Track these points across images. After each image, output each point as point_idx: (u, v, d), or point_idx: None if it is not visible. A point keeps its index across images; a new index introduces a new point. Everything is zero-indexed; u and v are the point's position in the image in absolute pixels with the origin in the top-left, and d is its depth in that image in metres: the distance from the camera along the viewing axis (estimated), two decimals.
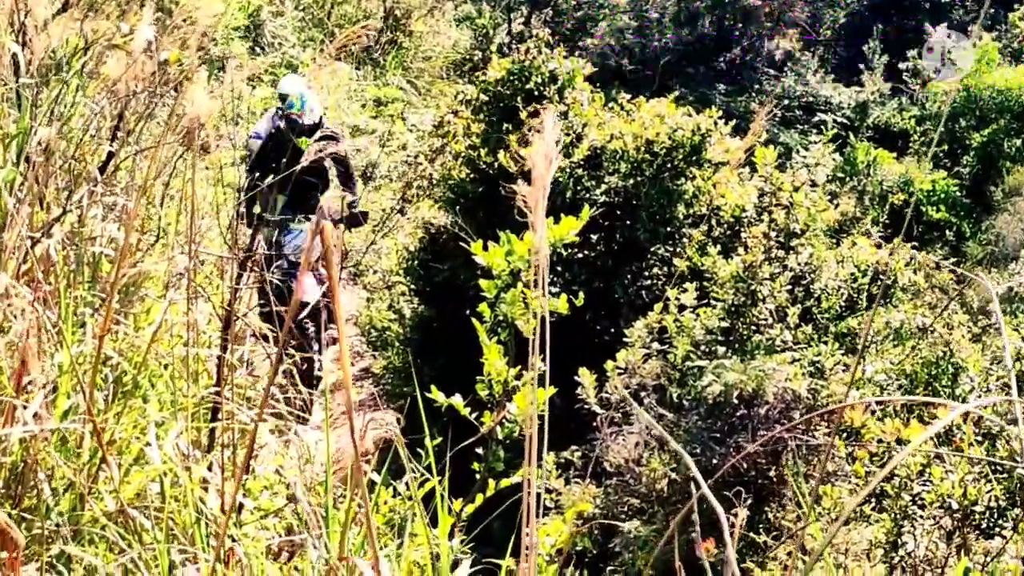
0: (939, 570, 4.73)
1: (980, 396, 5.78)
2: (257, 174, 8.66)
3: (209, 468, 3.59)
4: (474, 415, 4.46)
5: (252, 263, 4.27)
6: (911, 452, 4.87)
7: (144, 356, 3.99)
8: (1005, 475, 5.05)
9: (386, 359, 10.43)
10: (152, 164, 4.30)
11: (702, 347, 6.37)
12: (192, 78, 4.47)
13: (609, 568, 5.78)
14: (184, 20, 4.80)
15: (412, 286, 9.80)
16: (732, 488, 5.49)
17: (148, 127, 5.05)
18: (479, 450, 4.52)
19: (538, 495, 5.57)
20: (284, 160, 8.63)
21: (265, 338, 4.69)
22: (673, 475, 5.86)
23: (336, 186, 9.33)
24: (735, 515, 2.68)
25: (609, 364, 6.40)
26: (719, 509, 1.92)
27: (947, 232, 16.31)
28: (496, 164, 8.70)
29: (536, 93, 8.92)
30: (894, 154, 17.40)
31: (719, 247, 7.50)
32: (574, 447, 6.47)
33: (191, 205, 3.74)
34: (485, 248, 4.47)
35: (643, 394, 6.27)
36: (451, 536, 3.95)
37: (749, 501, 5.64)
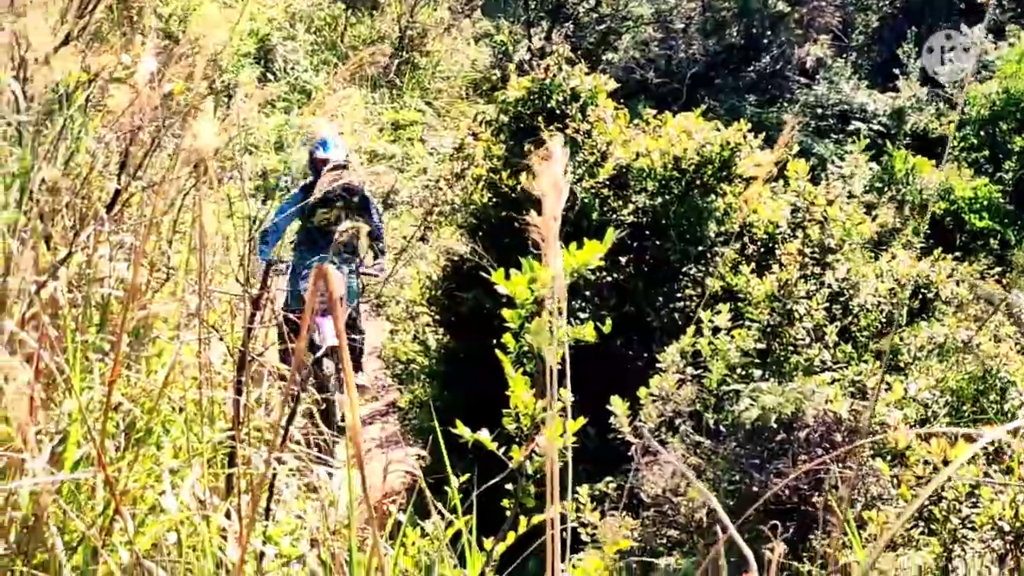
0: None
1: None
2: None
3: (227, 515, 3.47)
4: (502, 450, 4.34)
5: (266, 301, 4.13)
6: (955, 473, 4.69)
7: (156, 401, 3.88)
8: None
9: (412, 392, 10.22)
10: (159, 199, 4.19)
11: (738, 370, 6.20)
12: (198, 109, 4.35)
13: None
14: (190, 48, 4.69)
15: (436, 316, 9.61)
16: (774, 516, 5.32)
17: (155, 161, 4.96)
18: (509, 486, 4.40)
19: (573, 530, 5.44)
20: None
21: (283, 379, 4.58)
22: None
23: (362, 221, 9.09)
24: (772, 550, 2.53)
25: (642, 391, 6.23)
26: (748, 552, 1.84)
27: (991, 241, 16.06)
28: (519, 187, 8.52)
29: (558, 112, 8.75)
30: (933, 161, 17.15)
31: (752, 265, 7.35)
32: (608, 478, 6.29)
33: (201, 241, 3.62)
34: (507, 276, 4.35)
35: (679, 421, 6.09)
36: None
37: (792, 529, 5.46)
